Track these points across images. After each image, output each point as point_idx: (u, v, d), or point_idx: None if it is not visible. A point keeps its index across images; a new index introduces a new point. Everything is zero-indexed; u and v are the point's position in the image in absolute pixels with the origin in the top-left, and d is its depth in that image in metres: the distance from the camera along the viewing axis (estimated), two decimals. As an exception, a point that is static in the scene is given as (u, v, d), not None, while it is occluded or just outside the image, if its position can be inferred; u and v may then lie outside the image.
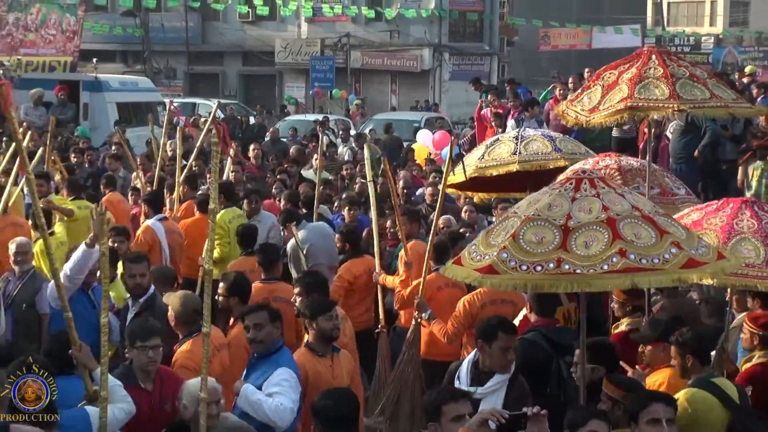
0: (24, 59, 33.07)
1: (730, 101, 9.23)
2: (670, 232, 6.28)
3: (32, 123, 24.14)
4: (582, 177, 6.64)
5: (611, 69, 9.64)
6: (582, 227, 6.22)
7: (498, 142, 10.77)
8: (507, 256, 6.29)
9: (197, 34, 50.92)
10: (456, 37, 48.97)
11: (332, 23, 48.55)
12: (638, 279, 6.11)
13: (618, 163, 10.23)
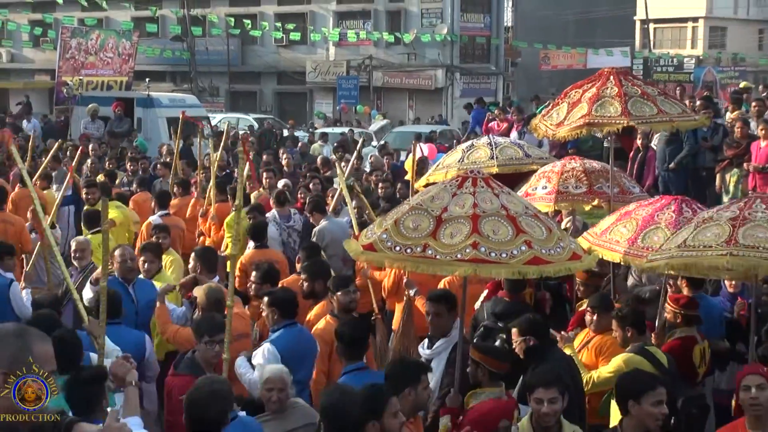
0: (85, 79, 33.17)
1: (675, 115, 9.62)
2: (527, 232, 6.41)
3: (91, 134, 24.34)
4: (467, 176, 6.87)
5: (576, 88, 9.99)
6: (452, 219, 6.42)
7: (474, 147, 10.88)
8: (386, 237, 6.57)
9: (237, 57, 51.02)
10: (466, 58, 48.89)
11: (356, 47, 48.54)
12: (480, 269, 6.36)
13: (582, 166, 10.37)
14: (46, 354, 3.71)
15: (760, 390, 5.74)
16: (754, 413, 5.76)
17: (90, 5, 48.15)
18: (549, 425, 5.90)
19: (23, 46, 53.42)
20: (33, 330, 3.82)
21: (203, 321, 7.10)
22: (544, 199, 9.66)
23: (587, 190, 9.89)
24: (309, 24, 49.33)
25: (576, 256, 6.67)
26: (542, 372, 6.21)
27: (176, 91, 40.82)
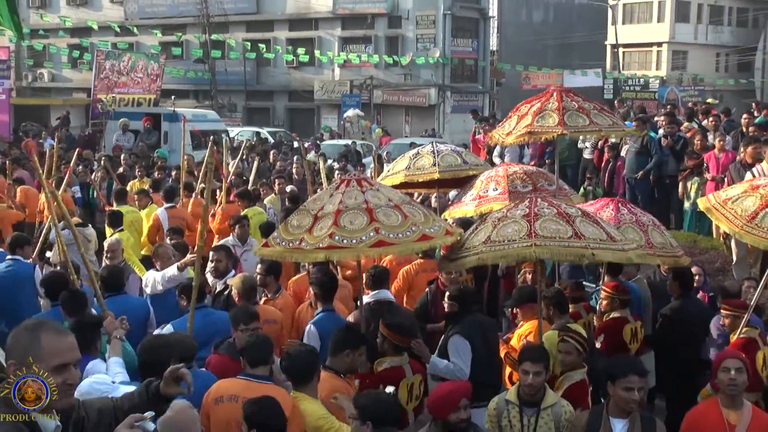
0: (117, 96, 33.14)
1: (605, 126, 9.86)
2: (379, 220, 6.64)
3: (122, 145, 24.34)
4: (345, 179, 7.19)
5: (526, 103, 10.22)
6: (324, 216, 6.73)
7: (419, 155, 10.87)
8: (276, 234, 7.07)
9: (253, 77, 51.02)
10: (456, 79, 48.91)
11: (359, 68, 48.54)
12: (331, 254, 6.74)
13: (522, 169, 10.61)
14: (58, 346, 3.53)
15: (738, 373, 5.73)
16: (731, 393, 5.73)
17: (122, 31, 48.28)
18: (533, 394, 5.95)
19: (63, 68, 53.38)
20: (49, 324, 3.67)
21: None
22: (499, 198, 9.77)
23: (533, 188, 10.06)
24: (317, 48, 49.32)
25: (424, 237, 6.74)
26: (531, 348, 6.33)
27: (198, 108, 40.80)
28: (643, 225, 7.91)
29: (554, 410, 5.94)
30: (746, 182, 8.02)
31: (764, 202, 7.02)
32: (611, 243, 6.58)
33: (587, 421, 5.83)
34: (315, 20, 50.70)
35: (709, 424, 5.75)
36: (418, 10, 47.41)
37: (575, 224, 6.55)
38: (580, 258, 6.86)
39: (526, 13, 59.73)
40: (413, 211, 6.94)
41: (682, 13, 57.50)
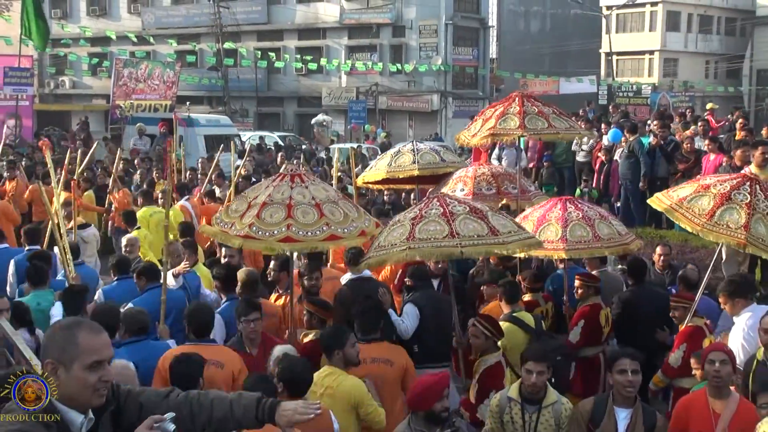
0: (135, 102, 33.20)
1: (563, 129, 10.15)
2: (326, 215, 6.89)
3: (139, 149, 24.37)
4: (287, 174, 7.33)
5: (491, 108, 10.57)
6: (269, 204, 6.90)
7: (400, 153, 11.00)
8: (219, 215, 7.32)
9: (264, 84, 51.06)
10: (457, 85, 48.93)
11: (365, 75, 48.54)
12: (290, 246, 6.91)
13: (491, 171, 10.85)
14: (94, 344, 3.42)
15: (722, 365, 5.71)
16: (716, 384, 5.73)
17: (140, 40, 48.31)
18: (536, 392, 5.91)
19: (83, 75, 53.51)
20: (85, 322, 3.57)
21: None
22: None
23: (497, 191, 10.29)
24: (324, 56, 49.33)
25: (332, 237, 6.90)
26: (534, 348, 6.25)
27: (212, 113, 40.83)
28: (589, 219, 8.02)
29: (555, 408, 5.91)
30: (694, 182, 8.07)
31: (718, 201, 7.20)
32: (491, 237, 6.63)
33: (591, 409, 5.83)
34: (323, 30, 50.74)
35: (696, 412, 5.76)
36: (421, 19, 47.41)
37: (454, 223, 6.63)
38: (449, 256, 7.03)
39: (524, 22, 59.66)
40: (334, 210, 7.05)
41: (673, 22, 57.39)
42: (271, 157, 25.20)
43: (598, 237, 7.88)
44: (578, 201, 8.72)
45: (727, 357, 5.81)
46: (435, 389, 5.48)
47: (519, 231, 6.94)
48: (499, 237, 6.65)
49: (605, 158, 16.98)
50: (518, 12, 58.89)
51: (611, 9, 55.82)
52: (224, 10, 47.93)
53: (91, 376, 3.37)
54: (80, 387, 3.37)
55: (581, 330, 8.21)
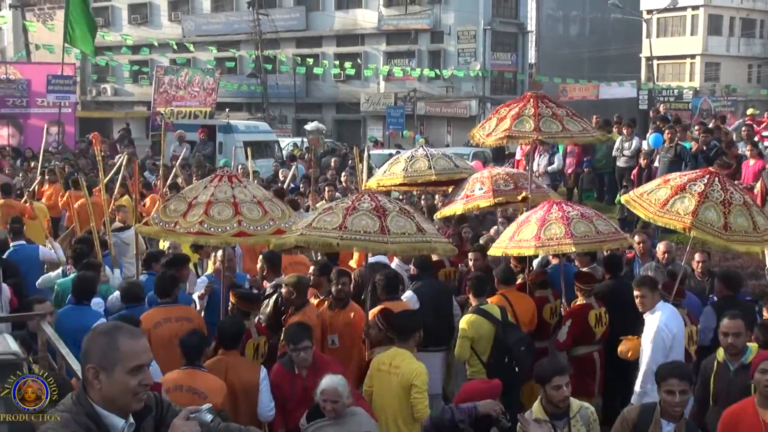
0: (175, 109, 33.57)
1: (576, 132, 10.21)
2: (269, 211, 7.37)
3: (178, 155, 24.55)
4: (223, 175, 7.76)
5: (505, 107, 10.58)
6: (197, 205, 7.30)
7: (414, 158, 11.28)
8: (156, 215, 7.64)
9: (302, 90, 51.35)
10: (496, 90, 48.75)
11: (403, 81, 48.61)
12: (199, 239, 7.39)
13: (504, 170, 11.36)
14: (134, 349, 3.45)
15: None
16: (766, 393, 5.60)
17: (180, 48, 48.80)
18: (564, 406, 5.82)
19: (124, 82, 54.23)
20: (124, 327, 3.60)
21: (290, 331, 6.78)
22: (484, 197, 10.30)
23: (514, 186, 10.47)
24: (363, 62, 49.49)
25: (279, 231, 7.31)
26: (554, 362, 6.14)
27: (251, 119, 41.13)
28: (567, 219, 8.26)
29: (582, 415, 5.83)
30: (660, 178, 8.73)
31: (673, 191, 7.76)
32: (420, 235, 6.87)
33: (637, 416, 5.73)
34: (361, 36, 50.89)
35: (746, 424, 5.64)
36: (459, 25, 47.37)
37: (386, 220, 6.80)
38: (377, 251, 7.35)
39: (563, 27, 59.28)
40: (273, 207, 7.57)
41: (715, 26, 56.73)
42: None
43: (570, 234, 8.15)
44: (567, 204, 8.97)
45: None
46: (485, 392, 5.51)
47: (440, 236, 7.31)
48: (426, 236, 6.93)
49: (644, 163, 16.80)
50: (557, 17, 58.53)
51: (652, 13, 55.31)
52: (263, 17, 48.29)
53: (132, 380, 3.41)
54: (121, 391, 3.40)
55: (568, 329, 8.37)
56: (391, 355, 6.66)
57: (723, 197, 7.65)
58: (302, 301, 7.83)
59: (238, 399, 6.58)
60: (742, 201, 7.81)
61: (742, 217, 7.64)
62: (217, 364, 6.66)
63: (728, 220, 7.55)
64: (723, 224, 7.54)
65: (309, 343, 6.55)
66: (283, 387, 6.56)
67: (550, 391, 5.77)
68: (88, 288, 8.08)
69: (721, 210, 7.58)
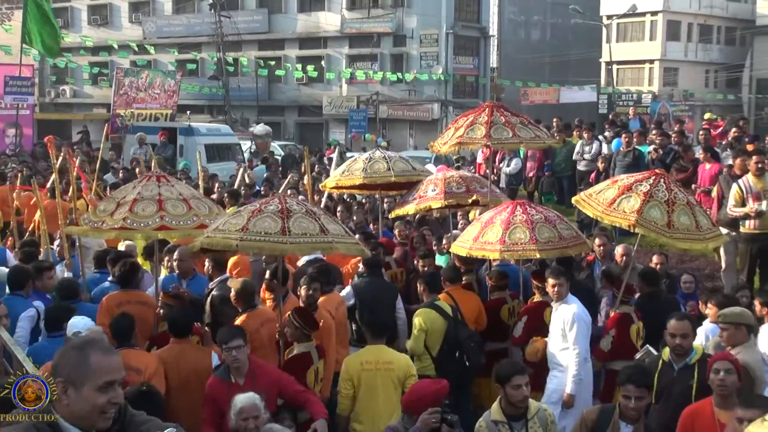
0: (136, 111, 33.22)
1: (528, 139, 10.66)
2: (194, 208, 7.59)
3: (139, 158, 24.36)
4: (151, 175, 8.04)
5: (463, 117, 11.06)
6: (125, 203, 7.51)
7: (373, 160, 11.53)
8: (87, 216, 7.96)
9: (265, 93, 51.16)
10: (458, 94, 48.97)
11: (365, 84, 48.64)
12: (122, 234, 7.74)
13: (458, 173, 11.66)
14: (105, 365, 3.40)
15: (727, 374, 5.70)
16: (721, 393, 5.72)
17: (140, 49, 48.41)
18: (523, 406, 5.86)
19: (84, 84, 53.63)
20: (97, 342, 3.56)
21: (221, 331, 6.66)
22: (436, 198, 10.64)
23: (466, 189, 10.80)
24: (325, 65, 49.46)
25: (202, 226, 7.47)
26: (514, 363, 6.22)
27: (213, 122, 40.89)
28: (531, 223, 8.47)
29: (539, 417, 5.87)
30: (609, 179, 9.11)
31: (620, 191, 8.12)
32: (321, 236, 6.93)
33: (597, 418, 5.80)
34: (324, 39, 50.86)
35: (701, 423, 5.75)
36: (421, 29, 47.51)
37: (289, 221, 6.89)
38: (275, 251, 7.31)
39: (524, 31, 59.76)
40: (199, 205, 7.77)
41: (673, 31, 57.45)
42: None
43: (535, 239, 8.37)
44: (530, 205, 9.14)
45: (733, 366, 5.77)
46: (430, 397, 5.49)
47: (346, 236, 7.34)
48: (327, 236, 7.00)
49: (602, 167, 16.96)
50: (519, 21, 59.00)
51: (612, 18, 55.89)
52: (225, 20, 48.04)
53: (100, 398, 3.35)
54: (89, 408, 3.35)
55: (524, 325, 8.55)
56: (374, 353, 7.01)
57: (667, 197, 8.02)
58: (248, 306, 7.79)
59: (191, 382, 6.80)
60: (686, 201, 8.17)
61: (685, 216, 7.98)
62: (169, 352, 6.96)
63: (672, 218, 7.90)
64: (666, 222, 7.89)
65: (241, 342, 6.34)
66: (221, 397, 6.19)
67: (509, 390, 5.79)
68: (60, 318, 7.62)
69: (666, 209, 7.93)
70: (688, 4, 57.17)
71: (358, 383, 6.93)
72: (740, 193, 10.94)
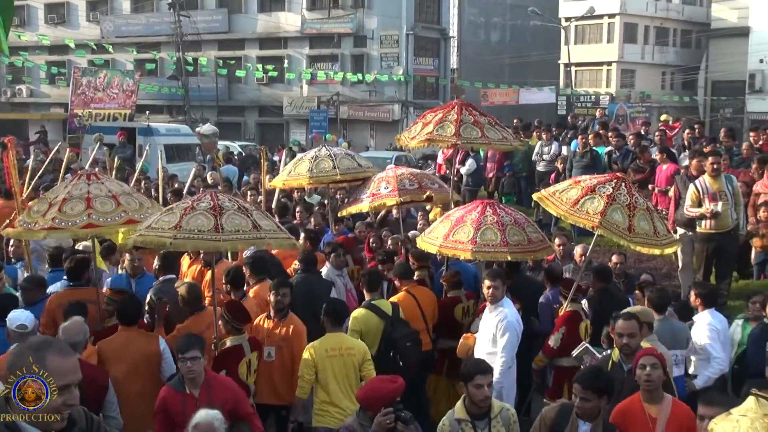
0: (94, 111, 32.81)
1: (495, 140, 10.71)
2: (123, 204, 7.64)
3: (98, 158, 24.07)
4: (82, 174, 8.04)
5: (431, 112, 11.04)
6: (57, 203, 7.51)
7: (318, 158, 11.51)
8: (22, 218, 7.93)
9: (225, 93, 50.90)
10: (418, 95, 49.10)
11: (326, 85, 48.59)
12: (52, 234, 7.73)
13: (409, 171, 11.67)
14: (62, 367, 3.38)
15: (653, 369, 5.80)
16: (648, 388, 5.82)
17: (98, 49, 47.84)
18: (486, 405, 5.85)
19: (41, 83, 52.90)
20: (55, 344, 3.51)
21: (179, 341, 6.51)
22: (390, 195, 10.70)
23: (419, 186, 10.90)
24: (286, 66, 49.29)
25: (130, 221, 7.54)
26: (478, 362, 6.14)
27: (172, 122, 40.56)
28: (502, 225, 8.55)
29: (503, 416, 5.87)
30: (570, 179, 9.25)
31: (584, 192, 8.26)
32: (254, 232, 6.96)
33: (555, 416, 5.83)
34: (284, 39, 50.71)
35: (633, 419, 5.84)
36: (382, 30, 47.56)
37: (221, 218, 6.88)
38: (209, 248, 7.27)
39: (484, 33, 60.10)
40: (129, 200, 7.81)
41: (630, 34, 58.10)
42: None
43: (506, 242, 8.43)
44: (499, 206, 9.14)
45: (658, 361, 5.88)
46: (387, 396, 5.47)
47: (278, 231, 7.31)
48: (261, 232, 7.00)
49: (561, 168, 17.10)
50: (478, 23, 59.33)
51: (570, 21, 56.40)
52: (185, 19, 47.68)
53: (57, 400, 3.33)
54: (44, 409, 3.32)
55: (561, 337, 8.45)
56: (335, 340, 7.31)
57: (629, 201, 8.21)
58: (194, 309, 7.80)
59: (140, 367, 7.04)
60: (646, 207, 8.38)
61: (644, 221, 8.18)
62: (117, 339, 7.16)
63: (632, 222, 8.10)
64: (627, 226, 8.08)
65: (197, 354, 6.12)
66: (173, 408, 6.06)
67: (471, 389, 5.78)
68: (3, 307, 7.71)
69: (627, 213, 8.12)
70: (644, 7, 57.87)
71: (322, 369, 7.18)
72: (697, 194, 11.08)
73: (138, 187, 17.41)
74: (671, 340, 7.77)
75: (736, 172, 13.31)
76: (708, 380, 7.88)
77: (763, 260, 12.35)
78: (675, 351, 7.75)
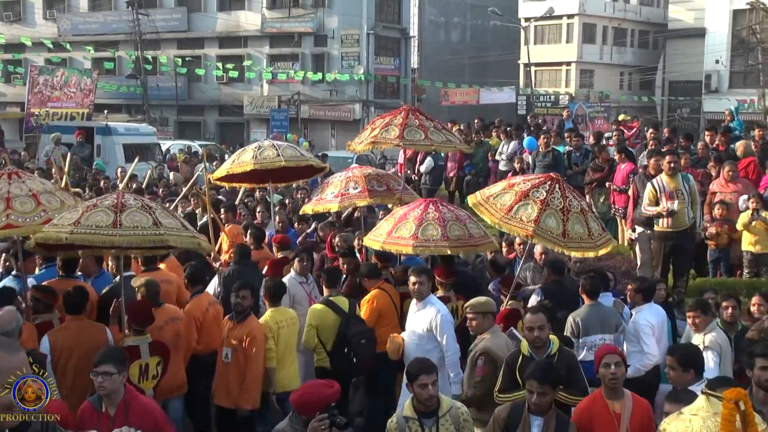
0: (51, 111, 32.51)
1: (439, 142, 10.95)
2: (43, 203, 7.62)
3: (55, 158, 23.78)
4: (5, 173, 7.87)
5: (380, 118, 11.37)
6: None
7: (262, 148, 11.97)
8: None
9: (184, 92, 50.51)
10: (379, 94, 49.16)
11: (287, 84, 48.44)
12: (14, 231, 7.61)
13: (376, 171, 11.97)
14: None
15: (617, 367, 5.94)
16: (612, 386, 5.95)
17: (55, 47, 47.22)
18: (432, 404, 5.84)
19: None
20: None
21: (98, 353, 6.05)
22: (360, 196, 10.96)
23: (387, 188, 11.22)
24: (246, 64, 49.05)
25: (49, 220, 7.32)
26: (422, 361, 6.07)
27: (131, 122, 40.17)
28: (443, 221, 8.76)
29: (452, 414, 5.87)
30: (504, 181, 9.24)
31: (518, 198, 8.30)
32: (154, 229, 6.95)
33: (507, 416, 5.89)
34: (244, 38, 50.48)
35: (597, 415, 5.94)
36: (342, 29, 47.54)
37: (122, 215, 6.88)
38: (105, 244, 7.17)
39: (444, 33, 60.28)
40: (50, 199, 7.81)
41: (589, 34, 58.61)
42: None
43: (446, 237, 8.62)
44: (443, 204, 9.41)
45: (621, 359, 6.05)
46: (322, 401, 5.40)
47: (182, 229, 7.26)
48: (186, 231, 7.14)
49: (518, 167, 17.18)
50: (439, 23, 59.50)
51: (529, 21, 56.76)
52: (143, 17, 47.27)
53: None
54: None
55: None
56: (281, 313, 8.20)
57: (562, 205, 8.27)
58: (152, 304, 7.77)
59: (89, 356, 6.58)
60: (580, 209, 8.45)
61: (578, 225, 8.28)
62: (68, 329, 7.34)
63: (567, 227, 8.19)
64: (562, 231, 8.17)
65: (111, 369, 5.63)
66: (86, 425, 5.54)
67: (417, 389, 5.79)
68: None
69: (561, 217, 8.20)
70: (603, 8, 58.42)
71: (277, 339, 7.97)
72: (654, 193, 11.23)
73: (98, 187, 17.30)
74: (600, 325, 8.15)
75: (695, 172, 13.49)
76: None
77: (717, 258, 12.56)
78: (604, 335, 8.10)
